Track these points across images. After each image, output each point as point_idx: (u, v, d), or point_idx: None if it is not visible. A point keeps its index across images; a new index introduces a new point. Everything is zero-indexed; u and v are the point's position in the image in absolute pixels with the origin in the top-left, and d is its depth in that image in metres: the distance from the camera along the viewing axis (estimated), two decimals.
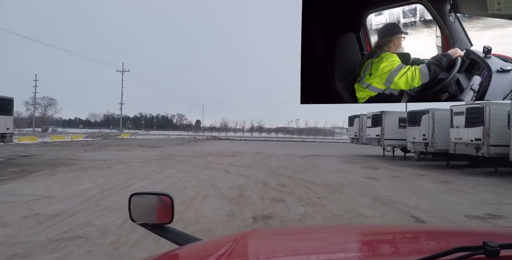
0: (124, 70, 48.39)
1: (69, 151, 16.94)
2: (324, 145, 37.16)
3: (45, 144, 23.12)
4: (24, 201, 5.34)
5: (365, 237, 1.15)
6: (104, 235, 3.73)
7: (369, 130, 16.74)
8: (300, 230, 1.56)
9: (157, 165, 10.84)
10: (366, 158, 16.94)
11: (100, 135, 39.47)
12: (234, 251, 0.88)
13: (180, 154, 16.43)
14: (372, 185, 7.85)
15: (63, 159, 12.48)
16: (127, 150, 18.23)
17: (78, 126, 65.58)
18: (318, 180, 8.30)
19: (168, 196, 1.17)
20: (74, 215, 4.54)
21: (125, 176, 8.17)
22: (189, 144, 29.69)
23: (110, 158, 13.27)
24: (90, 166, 10.24)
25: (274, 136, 72.93)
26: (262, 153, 18.37)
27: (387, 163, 14.03)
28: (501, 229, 1.39)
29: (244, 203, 5.50)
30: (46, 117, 65.14)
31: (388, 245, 1.04)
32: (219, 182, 7.63)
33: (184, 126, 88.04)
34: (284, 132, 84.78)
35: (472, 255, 0.61)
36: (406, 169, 11.92)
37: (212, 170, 9.84)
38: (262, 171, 9.92)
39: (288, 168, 11.14)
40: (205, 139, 47.04)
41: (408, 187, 7.75)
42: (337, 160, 15.36)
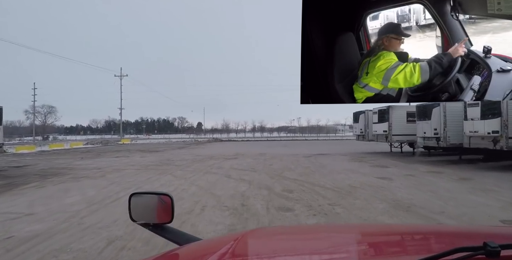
0: (122, 75, 47.89)
1: (65, 159, 16.38)
2: (327, 143, 36.52)
3: (43, 153, 22.59)
4: (0, 220, 4.74)
5: (365, 237, 1.14)
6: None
7: (376, 126, 15.98)
8: (300, 230, 1.54)
9: (154, 172, 10.23)
10: (374, 155, 16.26)
11: (100, 142, 38.93)
12: (234, 251, 0.88)
13: (180, 158, 15.83)
14: (387, 187, 7.20)
15: (56, 169, 11.90)
16: (126, 156, 17.65)
17: (79, 133, 65.08)
18: (327, 183, 7.65)
19: (168, 196, 1.17)
20: (52, 237, 3.93)
21: (118, 186, 7.56)
22: (190, 147, 29.09)
23: (107, 165, 12.68)
24: (83, 176, 9.65)
25: (276, 136, 72.42)
26: (265, 154, 17.74)
27: (396, 160, 13.35)
28: (502, 229, 1.36)
29: (248, 214, 4.87)
30: (47, 125, 64.85)
31: (389, 245, 1.02)
32: (220, 189, 7.01)
33: (185, 129, 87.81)
34: (286, 131, 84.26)
35: (473, 255, 0.61)
36: (418, 166, 11.24)
37: (212, 176, 9.22)
38: (266, 175, 9.29)
39: (293, 170, 10.50)
40: (207, 141, 46.44)
41: (426, 188, 7.08)
42: (343, 158, 14.70)
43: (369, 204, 5.42)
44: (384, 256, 0.89)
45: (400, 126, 14.93)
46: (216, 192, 6.68)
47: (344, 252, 0.93)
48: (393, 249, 0.98)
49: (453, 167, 10.61)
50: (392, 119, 14.93)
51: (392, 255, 0.90)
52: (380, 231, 1.28)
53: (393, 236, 1.16)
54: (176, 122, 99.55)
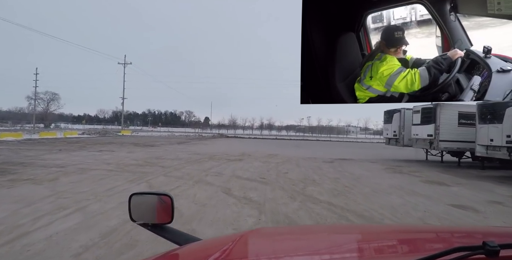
0: (126, 62, 45.38)
1: (38, 151, 13.77)
2: (343, 145, 33.31)
3: (25, 142, 20.11)
4: None
5: (365, 237, 1.13)
6: None
7: (417, 128, 12.76)
8: (300, 230, 1.49)
9: (127, 177, 7.44)
10: (409, 163, 13.22)
11: (98, 132, 36.48)
12: (234, 251, 0.86)
13: (173, 156, 13.04)
14: (480, 225, 4.23)
15: (10, 164, 9.24)
16: (111, 151, 14.95)
17: (81, 122, 63.21)
18: (386, 215, 4.71)
19: (168, 196, 1.15)
20: None
21: (52, 204, 4.78)
22: (191, 142, 26.28)
23: (77, 162, 9.98)
24: (28, 178, 6.93)
25: (284, 134, 69.37)
26: (276, 156, 14.84)
27: (447, 173, 10.30)
28: (501, 229, 1.35)
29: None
30: (49, 112, 63.01)
31: (388, 245, 1.01)
32: (210, 220, 4.16)
33: (192, 123, 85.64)
34: (294, 130, 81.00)
35: (472, 255, 0.61)
36: (489, 185, 8.19)
37: (204, 189, 6.36)
38: (282, 191, 6.38)
39: (318, 183, 7.55)
40: (211, 137, 43.64)
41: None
42: (376, 167, 11.69)
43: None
44: (384, 256, 0.88)
45: (450, 130, 11.76)
46: (204, 228, 3.82)
47: (344, 252, 0.91)
48: (393, 249, 0.97)
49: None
50: (440, 121, 11.73)
51: (392, 255, 0.89)
52: (380, 231, 1.27)
53: (393, 236, 1.13)
54: (183, 116, 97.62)
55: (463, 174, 10.39)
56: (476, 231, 1.27)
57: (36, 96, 56.80)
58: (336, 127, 78.54)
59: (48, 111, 61.74)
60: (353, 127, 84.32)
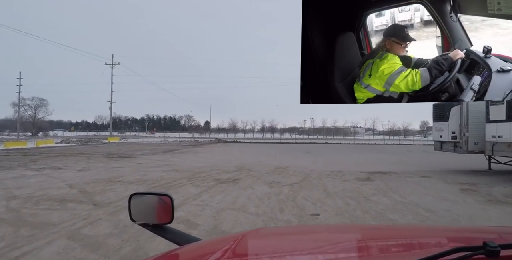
0: (114, 63, 41.48)
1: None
2: (357, 148, 29.05)
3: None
4: None
5: (365, 237, 1.11)
6: None
7: (500, 127, 8.57)
8: (300, 230, 1.47)
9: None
10: (480, 178, 9.07)
11: (80, 140, 32.39)
12: (235, 251, 0.86)
13: (136, 177, 8.89)
14: None
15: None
16: (58, 168, 10.83)
17: (70, 129, 59.43)
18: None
19: (168, 196, 1.14)
20: None
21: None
22: (180, 151, 22.09)
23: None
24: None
25: (288, 137, 65.25)
26: (286, 171, 10.70)
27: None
28: (501, 229, 1.31)
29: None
30: (38, 119, 59.21)
31: (388, 245, 0.99)
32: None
33: (192, 127, 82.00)
34: (298, 132, 76.81)
35: (473, 255, 0.60)
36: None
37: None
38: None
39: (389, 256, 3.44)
40: (208, 142, 39.48)
41: None
42: (446, 189, 7.48)
43: None
44: (384, 256, 0.86)
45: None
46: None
47: (344, 252, 0.90)
48: (393, 249, 0.95)
49: None
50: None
51: (392, 255, 0.88)
52: (380, 231, 1.26)
53: (393, 236, 1.12)
54: (183, 120, 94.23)
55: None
56: (476, 231, 1.28)
57: (23, 102, 53.13)
58: (342, 128, 74.27)
59: (36, 118, 57.83)
60: (360, 128, 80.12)
